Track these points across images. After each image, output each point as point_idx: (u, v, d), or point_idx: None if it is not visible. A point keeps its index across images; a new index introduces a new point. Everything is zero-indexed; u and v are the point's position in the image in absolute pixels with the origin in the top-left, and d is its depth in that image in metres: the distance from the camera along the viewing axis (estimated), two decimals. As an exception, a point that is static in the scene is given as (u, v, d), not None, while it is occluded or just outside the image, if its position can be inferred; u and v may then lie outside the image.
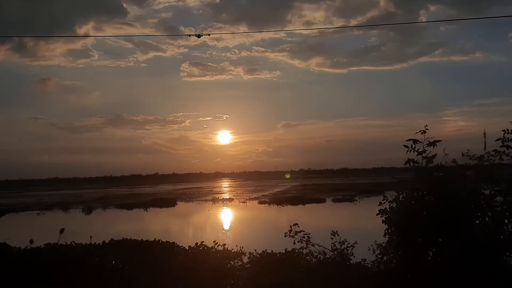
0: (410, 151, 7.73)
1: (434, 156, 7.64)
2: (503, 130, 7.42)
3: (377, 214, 7.84)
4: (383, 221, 7.77)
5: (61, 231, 10.39)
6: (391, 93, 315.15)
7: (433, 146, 7.63)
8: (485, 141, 7.64)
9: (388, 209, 7.75)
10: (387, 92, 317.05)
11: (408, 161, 7.74)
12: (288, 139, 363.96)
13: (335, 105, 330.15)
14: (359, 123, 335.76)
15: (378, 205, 7.88)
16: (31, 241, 10.42)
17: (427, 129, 7.65)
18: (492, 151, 7.55)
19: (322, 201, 54.69)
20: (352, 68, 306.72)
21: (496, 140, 7.48)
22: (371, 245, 8.27)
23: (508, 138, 7.44)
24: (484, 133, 7.68)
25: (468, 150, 7.70)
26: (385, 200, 7.89)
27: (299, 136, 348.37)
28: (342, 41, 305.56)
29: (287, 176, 43.74)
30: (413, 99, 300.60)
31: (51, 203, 62.30)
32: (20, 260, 9.99)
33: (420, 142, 7.69)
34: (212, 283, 8.97)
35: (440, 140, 7.60)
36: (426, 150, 7.68)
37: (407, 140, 7.75)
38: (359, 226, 29.99)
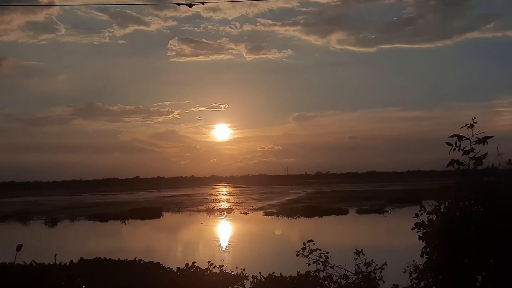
0: (454, 150, 7.69)
1: (484, 156, 7.59)
2: None
3: (413, 229, 7.81)
4: (420, 238, 7.74)
5: (18, 248, 10.40)
6: (430, 77, 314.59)
7: (483, 144, 7.58)
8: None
9: (427, 223, 7.72)
10: (425, 76, 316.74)
11: (452, 162, 7.70)
12: (302, 135, 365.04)
13: (360, 93, 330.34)
14: (390, 115, 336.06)
15: (414, 217, 7.85)
16: (-19, 261, 10.46)
17: (475, 122, 7.61)
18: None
19: (344, 212, 54.71)
20: (382, 46, 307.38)
21: None
22: (405, 268, 8.25)
23: None
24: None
25: (528, 148, 7.67)
26: (423, 211, 7.86)
27: (315, 131, 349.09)
28: (370, 11, 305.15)
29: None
30: (458, 85, 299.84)
31: (5, 213, 62.67)
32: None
33: (467, 138, 7.65)
34: (206, 314, 9.00)
35: (492, 136, 7.56)
36: (474, 149, 7.63)
37: (450, 136, 7.72)
38: (389, 243, 30.01)
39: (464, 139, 7.66)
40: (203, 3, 19.63)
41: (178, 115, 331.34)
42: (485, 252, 7.26)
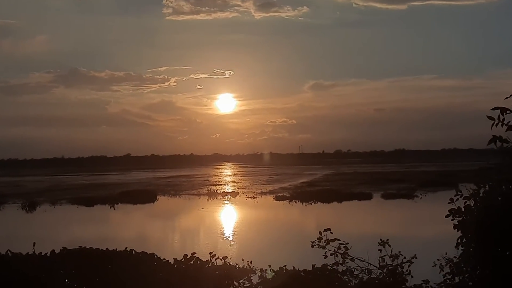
0: (497, 124, 7.63)
1: (532, 132, 7.57)
2: None
3: (447, 216, 7.81)
4: (455, 226, 7.74)
5: (-8, 235, 10.52)
6: (470, 39, 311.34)
7: (531, 118, 7.55)
8: None
9: (463, 209, 7.72)
10: (464, 38, 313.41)
11: (494, 139, 7.65)
12: (319, 107, 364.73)
13: (388, 58, 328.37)
14: (423, 84, 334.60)
15: (449, 202, 7.86)
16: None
17: (522, 92, 7.57)
18: None
19: (367, 197, 54.76)
20: (414, 3, 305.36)
21: None
22: (437, 261, 8.28)
23: None
24: None
25: None
26: (459, 196, 7.85)
27: (334, 103, 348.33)
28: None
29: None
30: (503, 49, 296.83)
31: (-23, 196, 63.16)
32: None
33: (512, 111, 7.61)
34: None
35: (541, 109, 7.53)
36: (520, 124, 7.60)
37: (493, 109, 7.65)
38: (419, 233, 30.05)
39: (508, 112, 7.61)
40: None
41: (175, 83, 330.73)
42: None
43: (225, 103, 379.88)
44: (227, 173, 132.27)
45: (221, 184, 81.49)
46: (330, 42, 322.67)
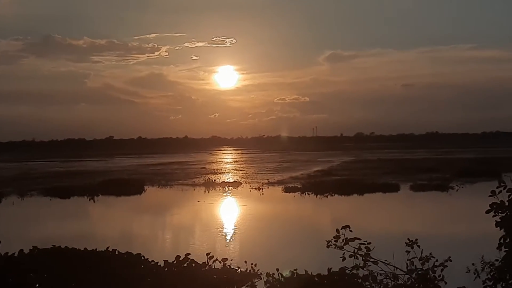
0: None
1: None
2: None
3: (488, 212, 7.84)
4: (497, 224, 7.78)
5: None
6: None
7: None
8: None
9: (507, 204, 7.75)
10: (508, 2, 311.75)
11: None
12: (337, 82, 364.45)
13: (418, 25, 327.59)
14: (460, 55, 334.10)
15: (490, 195, 7.88)
16: None
17: None
18: None
19: (394, 188, 54.85)
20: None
21: None
22: (474, 265, 8.32)
23: None
24: None
25: None
26: (502, 188, 7.88)
27: (354, 77, 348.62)
28: None
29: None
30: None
31: None
32: None
33: None
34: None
35: None
36: None
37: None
38: (455, 232, 30.08)
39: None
40: None
41: (167, 53, 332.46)
42: None
43: (226, 77, 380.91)
44: (227, 160, 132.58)
45: (220, 173, 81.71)
46: (349, 5, 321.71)
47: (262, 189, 57.50)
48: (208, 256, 10.24)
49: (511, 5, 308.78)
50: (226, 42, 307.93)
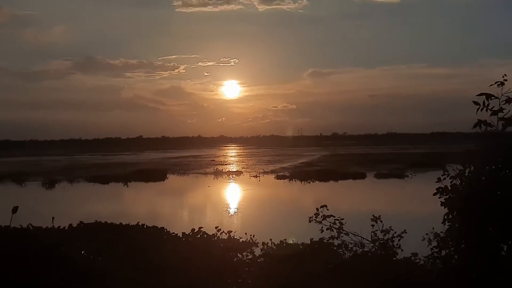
0: (482, 109, 7.63)
1: (514, 116, 7.56)
2: None
3: (435, 194, 7.81)
4: (442, 204, 7.75)
5: (14, 210, 10.51)
6: (461, 31, 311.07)
7: (514, 104, 7.54)
8: None
9: (450, 188, 7.72)
10: (454, 29, 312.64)
11: (478, 123, 7.65)
12: (317, 93, 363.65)
13: (382, 48, 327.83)
14: (415, 72, 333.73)
15: (436, 181, 7.85)
16: (-26, 223, 10.63)
17: (506, 80, 7.53)
18: None
19: (361, 176, 54.89)
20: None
21: None
22: (425, 236, 8.30)
23: None
24: None
25: None
26: (446, 176, 7.85)
27: (332, 89, 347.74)
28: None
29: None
30: (490, 39, 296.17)
31: (0, 174, 63.29)
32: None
33: (496, 97, 7.57)
34: (213, 281, 9.11)
35: (524, 95, 7.51)
36: (504, 109, 7.57)
37: (478, 95, 7.64)
38: (409, 210, 30.11)
39: (493, 98, 7.59)
40: None
41: (184, 70, 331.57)
42: (512, 220, 7.28)
43: (230, 89, 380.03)
44: (231, 154, 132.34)
45: (226, 164, 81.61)
46: (327, 33, 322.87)
47: (259, 176, 57.47)
48: (217, 229, 10.21)
49: (456, 33, 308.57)
50: (230, 62, 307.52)
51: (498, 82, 7.54)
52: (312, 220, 9.21)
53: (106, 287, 9.28)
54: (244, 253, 9.80)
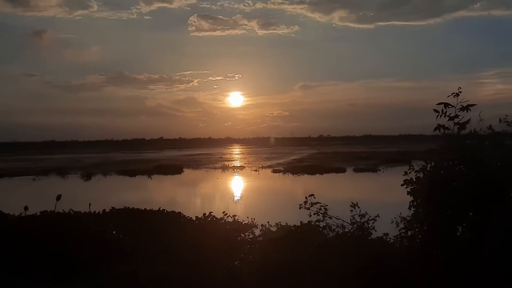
0: (441, 116, 7.65)
1: (467, 122, 7.55)
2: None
3: (402, 185, 7.82)
4: (408, 193, 7.76)
5: (58, 197, 10.55)
6: (422, 51, 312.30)
7: (467, 111, 7.53)
8: (527, 106, 7.53)
9: (414, 180, 7.73)
10: (418, 50, 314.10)
11: (438, 127, 7.67)
12: (306, 102, 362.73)
13: (359, 65, 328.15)
14: (386, 85, 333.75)
15: (403, 175, 7.85)
16: (26, 208, 10.60)
17: (460, 91, 7.55)
18: (535, 116, 7.44)
19: (342, 170, 54.74)
20: (380, 23, 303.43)
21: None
22: (394, 218, 8.28)
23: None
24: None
25: (506, 115, 7.58)
26: (412, 170, 7.85)
27: (318, 99, 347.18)
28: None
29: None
30: (447, 58, 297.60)
31: (47, 168, 63.28)
32: (15, 229, 10.18)
33: (452, 106, 7.59)
34: (221, 256, 9.11)
35: (474, 104, 7.50)
36: (459, 115, 7.59)
37: (438, 104, 7.66)
38: (382, 198, 30.05)
39: (450, 106, 7.61)
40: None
41: (197, 84, 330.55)
42: (465, 206, 7.29)
43: (235, 99, 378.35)
44: (236, 152, 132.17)
45: (231, 160, 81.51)
46: (314, 53, 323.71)
47: (258, 170, 57.39)
48: (224, 213, 10.22)
49: (419, 53, 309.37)
50: (235, 77, 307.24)
51: (454, 93, 7.56)
52: (302, 207, 9.20)
53: (133, 261, 9.29)
54: (246, 233, 9.81)
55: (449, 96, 7.58)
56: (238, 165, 67.68)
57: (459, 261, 7.02)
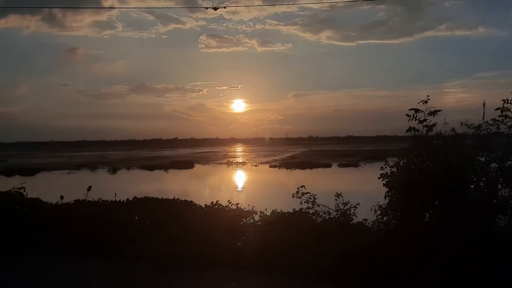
0: (412, 119, 7.67)
1: (434, 124, 7.58)
2: (503, 100, 7.32)
3: (379, 178, 7.84)
4: (384, 185, 7.78)
5: (89, 188, 10.63)
6: (396, 65, 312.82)
7: (434, 116, 7.56)
8: (484, 111, 7.55)
9: (389, 174, 7.75)
10: (393, 64, 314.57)
11: (410, 129, 7.70)
12: (298, 108, 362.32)
13: (343, 77, 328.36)
14: (366, 94, 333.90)
15: (380, 169, 7.87)
16: (62, 197, 10.70)
17: (428, 99, 7.58)
18: (491, 120, 7.46)
19: (329, 166, 54.74)
20: (360, 42, 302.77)
21: (495, 110, 7.38)
22: (373, 206, 8.31)
23: (507, 107, 7.34)
24: (484, 104, 7.57)
25: (467, 119, 7.61)
26: (387, 165, 7.87)
27: (308, 106, 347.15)
28: (352, 15, 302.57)
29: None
30: (417, 71, 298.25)
31: (79, 163, 63.28)
32: (52, 214, 10.21)
33: (422, 111, 7.62)
34: (226, 238, 9.15)
35: (440, 110, 7.54)
36: (427, 119, 7.61)
37: (409, 110, 7.69)
38: (362, 189, 30.01)
39: (419, 111, 7.64)
40: (225, 7, 21.30)
41: (206, 92, 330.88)
42: (432, 196, 7.31)
43: (238, 106, 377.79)
44: (239, 150, 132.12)
45: (235, 157, 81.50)
46: (305, 66, 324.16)
47: (257, 165, 57.37)
48: (228, 201, 10.21)
49: (394, 66, 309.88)
50: (238, 86, 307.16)
51: (423, 100, 7.59)
52: (294, 196, 9.22)
53: (153, 241, 9.31)
54: (247, 219, 9.81)
55: (419, 103, 7.60)
56: (241, 161, 67.69)
57: (425, 238, 7.05)
